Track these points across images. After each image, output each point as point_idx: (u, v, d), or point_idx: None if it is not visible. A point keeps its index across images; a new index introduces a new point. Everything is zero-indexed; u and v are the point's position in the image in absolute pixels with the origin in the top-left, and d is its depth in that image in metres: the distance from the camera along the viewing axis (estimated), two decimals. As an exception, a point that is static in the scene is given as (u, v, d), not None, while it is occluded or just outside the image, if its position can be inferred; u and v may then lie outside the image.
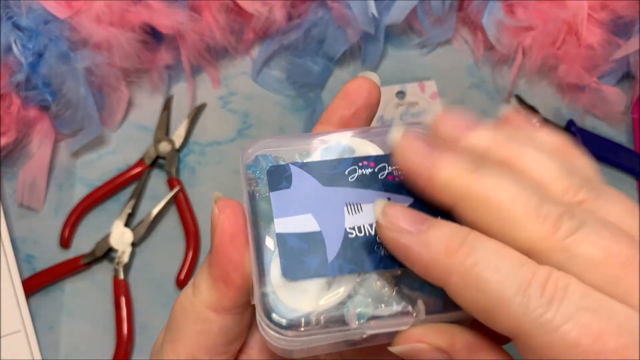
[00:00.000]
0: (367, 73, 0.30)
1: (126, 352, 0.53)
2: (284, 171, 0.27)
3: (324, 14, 0.60)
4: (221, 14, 0.58)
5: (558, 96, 0.63)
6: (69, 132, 0.58)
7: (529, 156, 0.24)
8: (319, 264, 0.25)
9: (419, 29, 0.64)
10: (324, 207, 0.26)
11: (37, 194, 0.57)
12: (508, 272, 0.21)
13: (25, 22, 0.53)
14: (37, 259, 0.56)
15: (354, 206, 0.26)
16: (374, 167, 0.27)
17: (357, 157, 0.27)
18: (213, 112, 0.62)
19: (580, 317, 0.20)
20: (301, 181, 0.27)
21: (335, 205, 0.26)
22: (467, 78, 0.64)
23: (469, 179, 0.23)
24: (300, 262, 0.25)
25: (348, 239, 0.26)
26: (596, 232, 0.22)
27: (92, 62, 0.55)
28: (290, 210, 0.26)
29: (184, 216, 0.57)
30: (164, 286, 0.56)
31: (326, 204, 0.26)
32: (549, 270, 0.21)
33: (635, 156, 0.60)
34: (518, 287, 0.21)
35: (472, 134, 0.25)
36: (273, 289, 0.25)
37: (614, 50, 0.59)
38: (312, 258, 0.25)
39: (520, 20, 0.60)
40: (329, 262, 0.25)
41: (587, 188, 0.23)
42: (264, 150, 0.28)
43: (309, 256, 0.25)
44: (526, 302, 0.21)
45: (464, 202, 0.23)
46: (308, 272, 0.25)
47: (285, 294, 0.25)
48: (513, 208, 0.22)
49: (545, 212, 0.22)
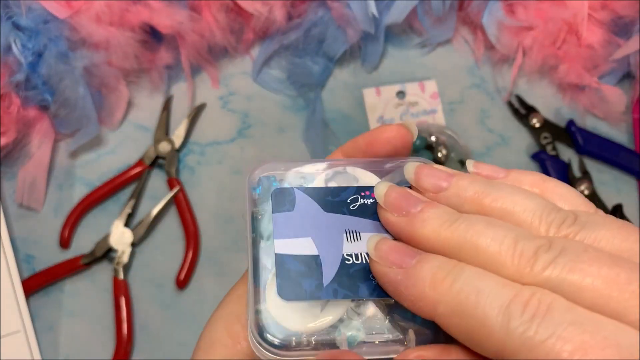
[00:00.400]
0: (407, 123, 0.30)
1: (126, 352, 0.53)
2: (288, 194, 0.28)
3: (324, 14, 0.60)
4: (221, 14, 0.58)
5: (558, 96, 0.63)
6: (67, 132, 0.58)
7: (507, 200, 0.24)
8: (314, 287, 0.26)
9: (419, 29, 0.64)
10: (324, 232, 0.27)
11: (37, 194, 0.57)
12: (489, 292, 0.21)
13: (25, 22, 0.53)
14: (37, 259, 0.56)
15: (353, 234, 0.27)
16: (375, 198, 0.28)
17: (359, 187, 0.28)
18: (213, 112, 0.62)
19: (563, 330, 0.20)
20: (304, 205, 0.27)
21: (335, 231, 0.27)
22: (467, 78, 0.64)
23: (448, 231, 0.24)
24: (297, 284, 0.26)
25: (345, 265, 0.26)
26: (574, 258, 0.21)
27: (92, 62, 0.55)
28: (290, 233, 0.27)
29: (183, 216, 0.57)
30: (164, 286, 0.56)
31: (326, 230, 0.27)
32: (533, 289, 0.21)
33: (635, 156, 0.60)
34: (500, 306, 0.21)
35: (451, 186, 0.26)
36: (267, 307, 0.26)
37: (614, 50, 0.59)
38: (309, 281, 0.26)
39: (520, 20, 0.60)
40: (324, 285, 0.26)
41: (569, 220, 0.23)
42: (270, 173, 0.29)
43: (305, 279, 0.26)
44: (507, 320, 0.20)
45: (445, 251, 0.24)
46: (303, 294, 0.26)
47: (279, 313, 0.26)
48: (490, 250, 0.22)
49: (520, 249, 0.22)
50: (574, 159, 0.61)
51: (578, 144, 0.60)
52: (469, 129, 0.62)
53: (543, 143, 0.61)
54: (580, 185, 0.58)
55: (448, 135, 0.59)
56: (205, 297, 0.56)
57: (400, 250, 0.24)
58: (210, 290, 0.56)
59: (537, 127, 0.61)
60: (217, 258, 0.57)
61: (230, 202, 0.59)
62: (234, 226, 0.58)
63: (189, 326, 0.55)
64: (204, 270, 0.57)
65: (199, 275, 0.57)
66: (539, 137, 0.61)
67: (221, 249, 0.57)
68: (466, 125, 0.62)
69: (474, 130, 0.62)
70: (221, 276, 0.57)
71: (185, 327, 0.55)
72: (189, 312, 0.55)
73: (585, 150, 0.60)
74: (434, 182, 0.26)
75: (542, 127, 0.61)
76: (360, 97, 0.62)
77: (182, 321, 0.55)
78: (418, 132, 0.59)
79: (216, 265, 0.57)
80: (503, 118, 0.62)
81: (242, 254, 0.57)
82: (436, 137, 0.59)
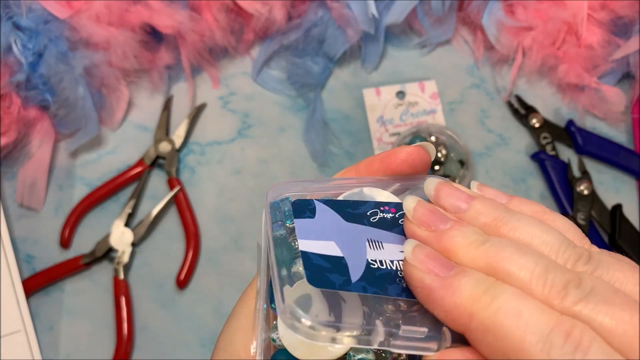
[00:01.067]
0: (425, 144, 0.30)
1: (126, 352, 0.53)
2: (308, 204, 0.27)
3: (324, 14, 0.60)
4: (221, 14, 0.58)
5: (558, 96, 0.63)
6: (68, 132, 0.58)
7: (525, 231, 0.25)
8: (342, 282, 0.25)
9: (419, 29, 0.64)
10: (346, 239, 0.26)
11: (37, 194, 0.57)
12: (530, 317, 0.21)
13: (25, 22, 0.53)
14: (37, 259, 0.56)
15: (376, 243, 0.27)
16: (394, 213, 0.28)
17: (379, 202, 0.28)
18: (213, 112, 0.62)
19: None
20: (324, 214, 0.27)
21: (357, 239, 0.27)
22: (467, 78, 0.64)
23: (477, 251, 0.24)
24: (325, 277, 0.25)
25: (370, 269, 0.26)
26: (606, 300, 0.22)
27: (92, 62, 0.55)
28: (313, 236, 0.26)
29: (184, 216, 0.57)
30: (164, 286, 0.56)
31: (348, 236, 0.27)
32: (573, 320, 0.21)
33: (635, 156, 0.60)
34: (541, 332, 0.21)
35: (470, 209, 0.26)
36: (279, 336, 0.26)
37: (614, 50, 0.59)
38: (336, 276, 0.25)
39: (520, 20, 0.60)
40: (352, 282, 0.25)
41: (584, 258, 0.24)
42: (287, 194, 0.29)
43: (332, 274, 0.25)
44: (548, 349, 0.20)
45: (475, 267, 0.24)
46: (333, 285, 0.25)
47: (290, 344, 0.25)
48: (520, 276, 0.22)
49: (551, 280, 0.22)
50: (573, 159, 0.61)
51: (578, 144, 0.60)
52: (469, 129, 0.62)
53: (543, 143, 0.61)
54: (579, 185, 0.58)
55: (448, 135, 0.59)
56: (205, 297, 0.56)
57: (439, 259, 0.24)
58: (210, 290, 0.56)
59: (536, 127, 0.61)
60: (217, 258, 0.57)
61: (230, 202, 0.59)
62: (234, 226, 0.58)
63: (189, 326, 0.55)
64: (204, 270, 0.57)
65: (199, 275, 0.57)
66: (538, 137, 0.61)
67: (221, 249, 0.57)
68: (466, 125, 0.62)
69: (474, 130, 0.62)
70: (221, 276, 0.57)
71: (185, 327, 0.55)
72: (189, 312, 0.55)
73: (584, 150, 0.60)
74: (453, 202, 0.26)
75: (542, 127, 0.61)
76: (360, 97, 0.62)
77: (182, 321, 0.55)
78: (418, 132, 0.59)
79: (216, 265, 0.57)
80: (503, 118, 0.62)
81: (242, 254, 0.57)
82: (436, 137, 0.59)
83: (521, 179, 0.60)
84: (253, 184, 0.60)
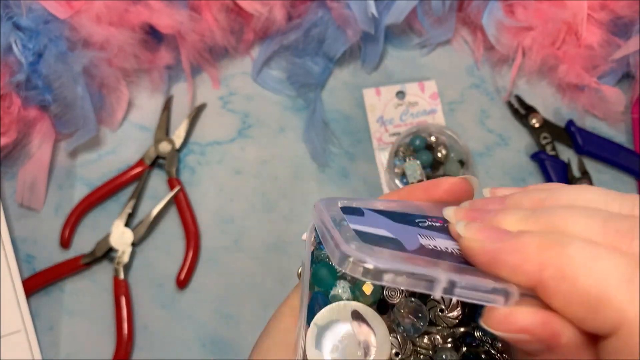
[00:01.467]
0: (470, 177, 0.30)
1: (126, 352, 0.53)
2: (356, 210, 0.27)
3: (324, 14, 0.60)
4: (221, 14, 0.58)
5: (558, 96, 0.63)
6: (68, 132, 0.59)
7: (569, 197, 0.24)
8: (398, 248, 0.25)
9: (419, 29, 0.64)
10: (399, 229, 0.26)
11: (37, 194, 0.57)
12: (609, 261, 0.20)
13: (25, 22, 0.53)
14: (37, 259, 0.56)
15: (427, 237, 0.26)
16: (442, 224, 0.27)
17: (427, 215, 0.28)
18: (213, 112, 0.62)
19: None
20: (373, 217, 0.27)
21: (409, 231, 0.26)
22: (467, 78, 0.64)
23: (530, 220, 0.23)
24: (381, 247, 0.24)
25: (424, 247, 0.25)
26: None
27: (92, 62, 0.55)
28: (364, 225, 0.26)
29: (184, 216, 0.57)
30: (164, 286, 0.56)
31: (399, 229, 0.26)
32: None
33: (635, 156, 0.60)
34: (622, 276, 0.20)
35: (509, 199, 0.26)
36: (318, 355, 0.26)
37: (614, 50, 0.59)
38: (392, 247, 0.25)
39: (520, 21, 0.60)
40: (408, 250, 0.25)
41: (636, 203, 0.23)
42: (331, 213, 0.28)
43: (387, 245, 0.25)
44: (634, 290, 0.20)
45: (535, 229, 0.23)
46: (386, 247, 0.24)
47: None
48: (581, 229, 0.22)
49: (613, 226, 0.22)
50: (573, 159, 0.61)
51: (577, 144, 0.60)
52: (469, 129, 0.62)
53: (542, 143, 0.61)
54: (579, 185, 0.58)
55: (448, 135, 0.59)
56: (205, 297, 0.56)
57: (495, 228, 0.24)
58: (210, 290, 0.56)
59: (536, 127, 0.61)
60: (217, 258, 0.57)
61: (230, 202, 0.59)
62: (234, 226, 0.58)
63: (189, 326, 0.55)
64: (204, 270, 0.57)
65: (199, 275, 0.57)
66: (538, 137, 0.61)
67: (221, 249, 0.57)
68: (466, 125, 0.62)
69: (474, 130, 0.62)
70: (221, 276, 0.57)
71: (185, 327, 0.55)
72: (189, 312, 0.55)
73: (584, 150, 0.60)
74: (489, 202, 0.26)
75: (542, 127, 0.61)
76: (360, 97, 0.62)
77: (182, 321, 0.55)
78: (418, 133, 0.59)
79: (216, 265, 0.57)
80: (503, 118, 0.62)
81: (242, 254, 0.57)
82: (436, 137, 0.59)
83: (521, 179, 0.60)
84: (253, 184, 0.60)
